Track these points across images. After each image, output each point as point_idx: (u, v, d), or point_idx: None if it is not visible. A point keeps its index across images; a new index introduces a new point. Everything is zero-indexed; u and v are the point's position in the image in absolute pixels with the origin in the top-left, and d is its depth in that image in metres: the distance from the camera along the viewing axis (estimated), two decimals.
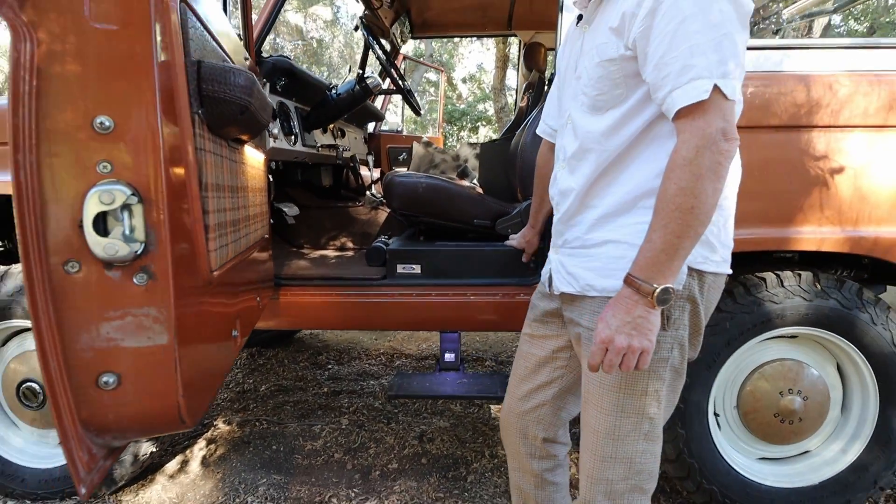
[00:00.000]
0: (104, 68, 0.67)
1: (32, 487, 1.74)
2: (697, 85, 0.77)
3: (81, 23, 0.64)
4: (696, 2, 0.79)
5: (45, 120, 0.67)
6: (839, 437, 1.61)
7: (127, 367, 0.73)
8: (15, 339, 1.75)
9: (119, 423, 0.75)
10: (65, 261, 0.69)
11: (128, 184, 0.69)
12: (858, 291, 1.49)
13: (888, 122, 1.40)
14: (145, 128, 0.67)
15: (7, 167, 1.49)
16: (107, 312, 0.71)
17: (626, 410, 0.94)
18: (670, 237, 0.79)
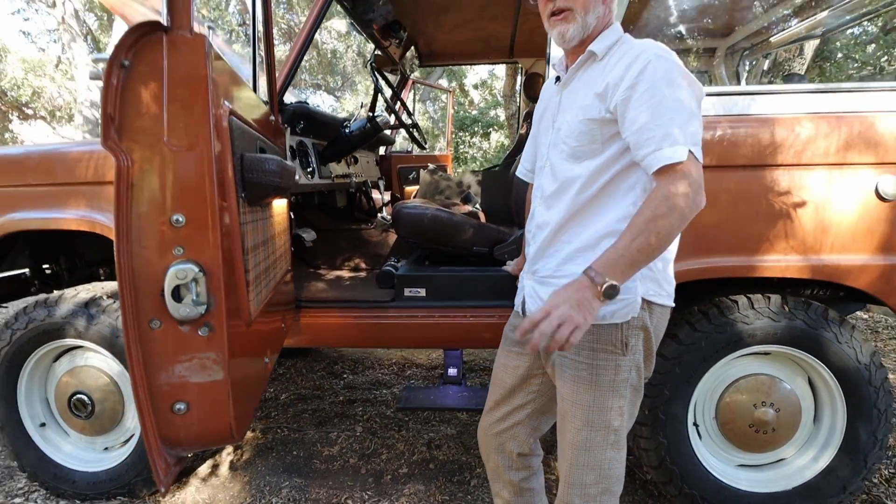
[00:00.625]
0: (178, 178, 0.87)
1: (81, 488, 1.95)
2: (677, 149, 0.95)
3: (162, 147, 0.85)
4: (670, 85, 0.98)
5: (137, 220, 0.88)
6: (811, 446, 1.75)
7: (193, 397, 0.94)
8: (66, 355, 1.96)
9: (187, 439, 0.96)
10: (150, 319, 0.90)
11: (195, 262, 0.90)
12: (823, 312, 1.63)
13: (846, 160, 1.54)
14: (206, 220, 0.88)
15: (60, 207, 1.71)
16: (179, 357, 0.91)
17: (595, 425, 1.10)
18: (633, 249, 0.95)
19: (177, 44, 0.88)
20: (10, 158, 1.90)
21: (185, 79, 0.89)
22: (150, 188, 0.90)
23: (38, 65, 12.30)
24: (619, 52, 1.08)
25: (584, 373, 1.10)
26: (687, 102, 0.99)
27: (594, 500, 1.13)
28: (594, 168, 1.09)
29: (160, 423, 0.94)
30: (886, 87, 1.59)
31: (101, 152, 1.79)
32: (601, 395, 1.09)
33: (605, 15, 1.12)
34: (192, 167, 0.90)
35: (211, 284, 0.94)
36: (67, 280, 2.27)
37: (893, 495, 1.92)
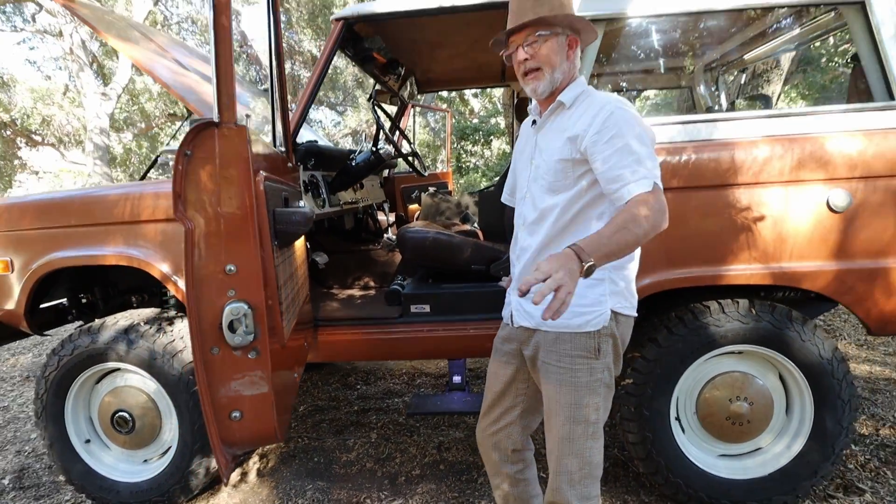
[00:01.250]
0: (229, 237, 1.09)
1: (125, 497, 2.15)
2: (642, 183, 1.15)
3: (217, 213, 1.07)
4: (631, 131, 1.20)
5: (199, 270, 1.09)
6: (785, 435, 1.92)
7: (245, 407, 1.16)
8: (108, 377, 2.17)
9: (242, 440, 1.18)
10: (210, 347, 1.11)
11: (245, 301, 1.12)
12: (787, 314, 1.81)
13: (800, 178, 1.73)
14: (252, 268, 1.10)
15: (100, 245, 1.92)
16: (234, 376, 1.13)
17: (577, 420, 1.29)
18: (614, 240, 1.10)
19: (225, 134, 1.10)
20: (53, 203, 2.11)
21: (232, 160, 1.12)
22: (210, 246, 1.11)
23: (46, 94, 12.65)
24: (586, 103, 1.29)
25: (565, 377, 1.29)
26: (645, 145, 1.21)
27: (579, 484, 1.32)
28: (568, 199, 1.30)
29: (221, 429, 1.16)
30: (833, 111, 1.78)
31: (136, 194, 2.00)
32: (580, 394, 1.28)
33: (569, 70, 1.33)
34: (240, 228, 1.13)
35: (256, 317, 1.16)
36: (102, 308, 2.48)
37: (866, 479, 2.08)
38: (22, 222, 2.10)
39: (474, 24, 2.31)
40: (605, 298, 1.28)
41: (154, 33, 2.55)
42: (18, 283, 2.12)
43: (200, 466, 2.08)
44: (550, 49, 1.28)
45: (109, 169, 10.21)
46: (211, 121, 1.08)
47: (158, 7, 11.25)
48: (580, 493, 1.31)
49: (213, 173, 1.10)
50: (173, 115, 13.74)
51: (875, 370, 3.22)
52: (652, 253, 1.79)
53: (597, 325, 1.27)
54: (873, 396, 2.83)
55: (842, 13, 1.88)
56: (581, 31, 1.32)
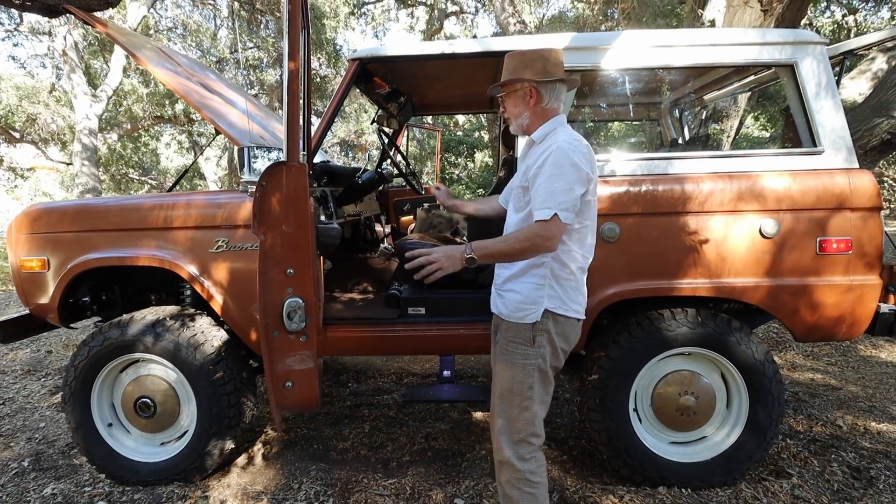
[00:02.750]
0: (291, 248, 1.39)
1: (143, 476, 2.37)
2: (545, 212, 1.49)
3: (282, 231, 1.37)
4: (559, 169, 1.51)
5: (265, 275, 1.39)
6: (725, 425, 2.26)
7: (296, 378, 1.45)
8: (131, 367, 2.40)
9: (292, 405, 1.50)
10: (273, 332, 1.41)
11: (300, 297, 1.42)
12: (727, 322, 2.16)
13: (738, 208, 2.08)
14: (305, 271, 1.42)
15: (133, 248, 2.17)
16: (289, 354, 1.44)
17: (511, 391, 1.63)
18: (497, 248, 1.53)
19: (291, 170, 1.42)
20: (90, 209, 2.36)
21: (295, 190, 1.45)
22: (276, 254, 1.40)
23: (32, 91, 12.62)
24: (548, 141, 1.61)
25: (507, 357, 1.64)
26: (566, 182, 1.50)
27: (516, 445, 1.63)
28: (522, 217, 1.67)
29: (278, 395, 1.47)
30: (765, 154, 2.14)
31: (168, 203, 2.26)
32: (515, 372, 1.62)
33: (533, 118, 1.67)
34: (299, 241, 1.44)
35: (307, 310, 1.46)
36: (122, 305, 2.71)
37: (795, 466, 2.43)
38: (60, 225, 2.34)
39: (468, 62, 2.63)
40: (542, 300, 1.61)
41: (180, 57, 2.81)
42: (54, 280, 2.35)
43: (215, 448, 2.32)
44: (512, 103, 1.69)
45: (96, 169, 10.27)
46: (282, 161, 1.40)
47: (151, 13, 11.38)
48: (517, 453, 1.63)
49: (280, 199, 1.41)
50: (160, 117, 13.82)
51: (817, 377, 3.61)
52: (616, 268, 2.12)
53: (533, 320, 1.61)
54: (812, 400, 3.21)
55: (777, 72, 2.26)
56: (538, 84, 1.63)
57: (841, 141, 2.12)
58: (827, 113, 2.13)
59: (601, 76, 2.68)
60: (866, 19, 9.85)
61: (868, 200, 2.07)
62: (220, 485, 2.38)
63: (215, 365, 2.27)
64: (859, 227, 2.08)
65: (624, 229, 2.11)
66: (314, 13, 12.03)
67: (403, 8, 12.80)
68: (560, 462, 2.51)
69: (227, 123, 2.32)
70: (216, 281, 2.24)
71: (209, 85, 2.83)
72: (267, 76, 13.94)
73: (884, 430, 2.76)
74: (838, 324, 2.13)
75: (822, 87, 2.13)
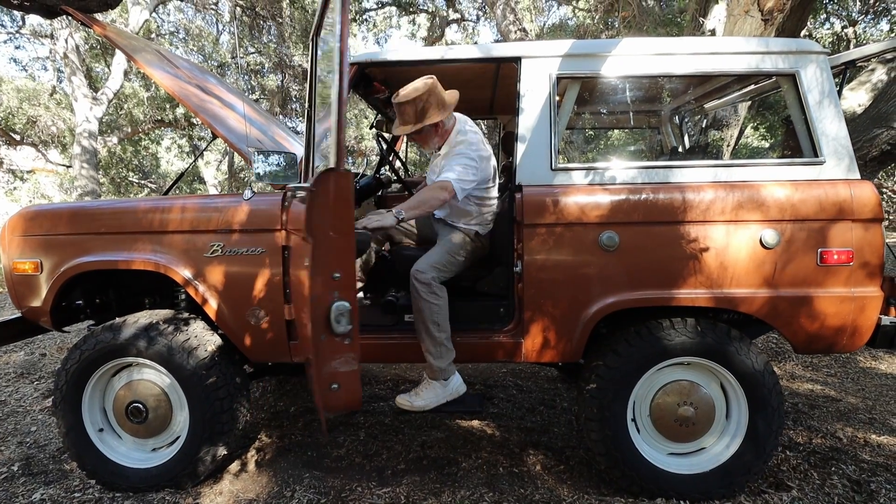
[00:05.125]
0: (336, 251, 1.53)
1: (134, 482, 2.33)
2: (448, 176, 2.20)
3: (329, 235, 1.51)
4: (464, 151, 2.31)
5: (314, 279, 1.49)
6: (724, 436, 2.23)
7: (342, 380, 1.56)
8: (124, 371, 2.37)
9: (337, 406, 1.59)
10: (320, 335, 1.51)
11: (345, 300, 1.53)
12: (727, 331, 2.13)
13: (738, 218, 2.07)
14: (350, 275, 1.56)
15: (128, 251, 2.14)
16: (335, 356, 1.54)
17: (441, 252, 2.23)
18: (413, 202, 2.23)
19: (338, 177, 1.52)
20: (85, 211, 2.34)
21: (342, 196, 1.53)
22: (324, 258, 1.50)
23: (32, 94, 12.63)
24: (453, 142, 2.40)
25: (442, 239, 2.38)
26: (461, 163, 2.29)
27: (430, 268, 2.26)
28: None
29: (324, 396, 1.56)
30: (766, 163, 2.13)
31: (164, 207, 2.24)
32: (445, 248, 2.36)
33: (441, 138, 2.42)
34: (344, 245, 1.53)
35: (352, 314, 1.55)
36: (115, 309, 2.68)
37: (795, 479, 2.40)
38: (54, 227, 2.31)
39: (468, 68, 2.62)
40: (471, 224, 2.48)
41: (179, 61, 2.80)
42: (47, 283, 2.32)
43: (207, 454, 2.29)
44: (424, 141, 2.45)
45: (96, 172, 10.26)
46: (331, 168, 1.50)
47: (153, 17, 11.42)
48: (428, 276, 2.21)
49: (329, 205, 1.49)
50: (160, 121, 13.83)
51: (816, 388, 3.59)
52: (615, 278, 2.10)
53: (466, 233, 2.45)
54: (811, 411, 3.18)
55: (778, 81, 2.25)
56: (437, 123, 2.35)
57: (843, 151, 2.11)
58: (828, 123, 2.12)
59: (601, 83, 2.68)
60: (865, 31, 9.91)
61: (870, 211, 2.06)
62: (212, 491, 2.34)
63: (209, 370, 2.24)
64: (861, 239, 2.06)
65: (623, 238, 2.09)
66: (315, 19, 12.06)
67: (405, 15, 12.85)
68: (556, 472, 2.48)
69: (225, 127, 2.31)
70: (211, 285, 2.22)
71: (208, 89, 2.82)
72: (268, 81, 13.97)
73: (884, 443, 2.73)
74: (839, 336, 2.11)
75: (824, 97, 2.12)
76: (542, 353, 2.19)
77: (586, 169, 2.16)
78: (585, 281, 2.11)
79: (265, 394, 3.57)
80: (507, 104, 3.51)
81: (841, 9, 9.36)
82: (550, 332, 2.16)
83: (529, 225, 2.12)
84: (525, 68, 2.20)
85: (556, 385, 3.59)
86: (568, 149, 7.12)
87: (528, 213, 2.11)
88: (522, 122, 2.20)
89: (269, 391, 3.61)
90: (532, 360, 2.21)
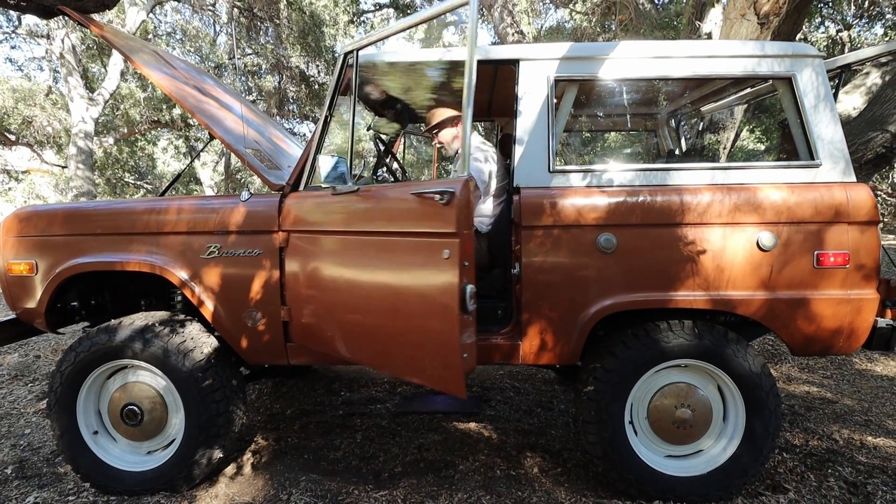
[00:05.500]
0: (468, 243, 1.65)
1: (128, 486, 2.32)
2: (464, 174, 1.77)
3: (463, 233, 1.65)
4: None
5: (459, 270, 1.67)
6: (722, 439, 2.22)
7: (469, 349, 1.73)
8: (119, 373, 2.36)
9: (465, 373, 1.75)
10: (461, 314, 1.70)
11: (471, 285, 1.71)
12: (724, 334, 2.13)
13: (735, 220, 2.07)
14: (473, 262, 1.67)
15: (124, 252, 2.13)
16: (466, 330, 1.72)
17: None
18: None
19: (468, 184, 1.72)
20: (80, 212, 2.32)
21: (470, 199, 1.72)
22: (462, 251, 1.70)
23: (28, 94, 12.57)
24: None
25: None
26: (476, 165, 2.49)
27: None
28: None
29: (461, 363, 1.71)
30: (763, 166, 2.13)
31: (160, 208, 2.23)
32: None
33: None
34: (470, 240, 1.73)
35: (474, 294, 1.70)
36: (111, 311, 2.67)
37: (792, 481, 2.40)
38: (50, 228, 2.30)
39: None
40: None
41: (175, 61, 2.79)
42: (42, 284, 2.30)
43: (203, 457, 2.27)
44: (449, 136, 2.76)
45: (91, 173, 10.22)
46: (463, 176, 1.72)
47: (150, 17, 11.39)
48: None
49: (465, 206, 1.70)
50: (157, 121, 13.78)
51: (812, 391, 3.60)
52: (613, 280, 2.10)
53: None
54: (807, 413, 3.18)
55: (774, 85, 2.26)
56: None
57: (838, 154, 2.12)
58: (824, 126, 2.13)
59: (599, 86, 2.68)
60: (860, 35, 9.97)
61: (865, 214, 2.06)
62: (208, 495, 2.33)
63: (205, 372, 2.23)
64: (857, 241, 2.06)
65: (621, 240, 2.09)
66: (313, 21, 12.07)
67: (403, 17, 12.86)
68: (554, 475, 2.47)
69: (222, 128, 2.30)
70: (207, 287, 2.21)
71: (205, 89, 2.81)
72: (265, 83, 13.93)
73: (880, 445, 2.74)
74: (835, 338, 2.11)
75: (820, 101, 2.13)
76: (540, 355, 2.18)
77: (584, 171, 2.17)
78: (583, 283, 2.11)
79: (261, 396, 3.55)
80: (505, 106, 3.51)
81: (836, 13, 9.42)
82: (548, 333, 2.15)
83: (527, 227, 2.12)
84: (523, 71, 2.20)
85: (554, 387, 3.59)
86: (565, 151, 7.13)
87: (526, 215, 2.11)
88: (520, 125, 2.20)
89: (265, 393, 3.59)
90: (530, 362, 2.21)
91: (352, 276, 2.02)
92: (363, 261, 1.97)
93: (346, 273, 2.03)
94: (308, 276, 2.14)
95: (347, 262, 2.03)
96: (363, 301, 1.97)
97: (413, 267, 1.83)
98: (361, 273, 1.99)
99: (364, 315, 1.98)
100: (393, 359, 1.96)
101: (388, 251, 1.89)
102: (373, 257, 1.94)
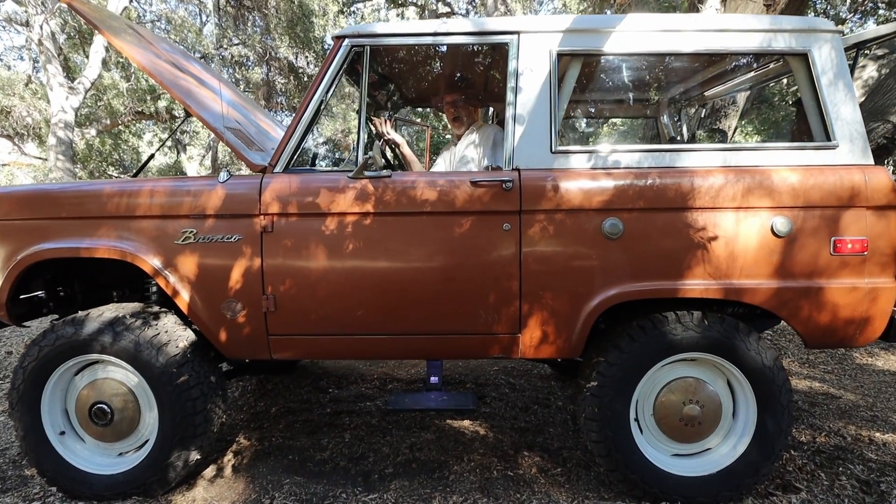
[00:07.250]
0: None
1: (98, 490, 2.15)
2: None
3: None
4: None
5: None
6: (731, 436, 2.11)
7: None
8: (87, 369, 2.19)
9: None
10: None
11: None
12: (735, 325, 2.01)
13: (749, 204, 1.94)
14: None
15: (91, 238, 1.96)
16: None
17: None
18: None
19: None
20: (43, 194, 2.14)
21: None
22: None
23: (7, 83, 12.19)
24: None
25: None
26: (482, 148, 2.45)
27: None
28: None
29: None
30: (779, 147, 2.01)
31: (131, 190, 2.06)
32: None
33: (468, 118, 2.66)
34: None
35: None
36: (81, 302, 2.49)
37: (803, 480, 2.29)
38: (11, 212, 2.12)
39: (461, 52, 2.48)
40: None
41: (153, 38, 2.61)
42: (2, 272, 2.12)
43: (179, 459, 2.11)
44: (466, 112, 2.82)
45: (72, 165, 9.92)
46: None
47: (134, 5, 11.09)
48: None
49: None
50: (141, 113, 13.45)
51: (815, 385, 3.51)
52: (618, 267, 1.97)
53: None
54: (812, 409, 3.09)
55: (788, 62, 2.13)
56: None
57: (856, 135, 2.00)
58: (842, 105, 2.01)
59: (603, 62, 2.54)
60: (853, 31, 9.94)
61: (884, 198, 1.95)
62: (184, 499, 2.17)
63: (180, 367, 2.07)
64: (875, 226, 1.95)
65: (627, 225, 1.95)
66: (302, 11, 11.83)
67: (394, 8, 12.65)
68: (553, 475, 2.34)
69: (199, 105, 2.13)
70: (182, 275, 2.04)
71: (183, 66, 2.63)
72: (253, 74, 13.65)
73: (889, 441, 2.64)
74: (852, 329, 2.00)
75: (838, 79, 2.01)
76: (541, 348, 2.05)
77: (589, 152, 2.03)
78: (587, 271, 1.98)
79: (245, 393, 3.39)
80: (501, 92, 3.37)
81: (829, 7, 9.39)
82: (550, 326, 2.02)
83: (528, 211, 1.98)
84: (524, 44, 2.05)
85: (550, 383, 3.46)
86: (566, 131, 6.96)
87: (527, 199, 1.97)
88: (520, 102, 2.05)
89: (249, 391, 3.43)
90: (530, 357, 2.07)
91: (380, 256, 2.05)
92: (406, 239, 2.05)
93: (372, 253, 2.05)
94: (305, 263, 1.99)
95: (372, 243, 2.04)
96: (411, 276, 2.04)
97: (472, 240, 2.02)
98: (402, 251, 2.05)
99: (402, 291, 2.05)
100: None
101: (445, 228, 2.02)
102: (419, 235, 2.04)
